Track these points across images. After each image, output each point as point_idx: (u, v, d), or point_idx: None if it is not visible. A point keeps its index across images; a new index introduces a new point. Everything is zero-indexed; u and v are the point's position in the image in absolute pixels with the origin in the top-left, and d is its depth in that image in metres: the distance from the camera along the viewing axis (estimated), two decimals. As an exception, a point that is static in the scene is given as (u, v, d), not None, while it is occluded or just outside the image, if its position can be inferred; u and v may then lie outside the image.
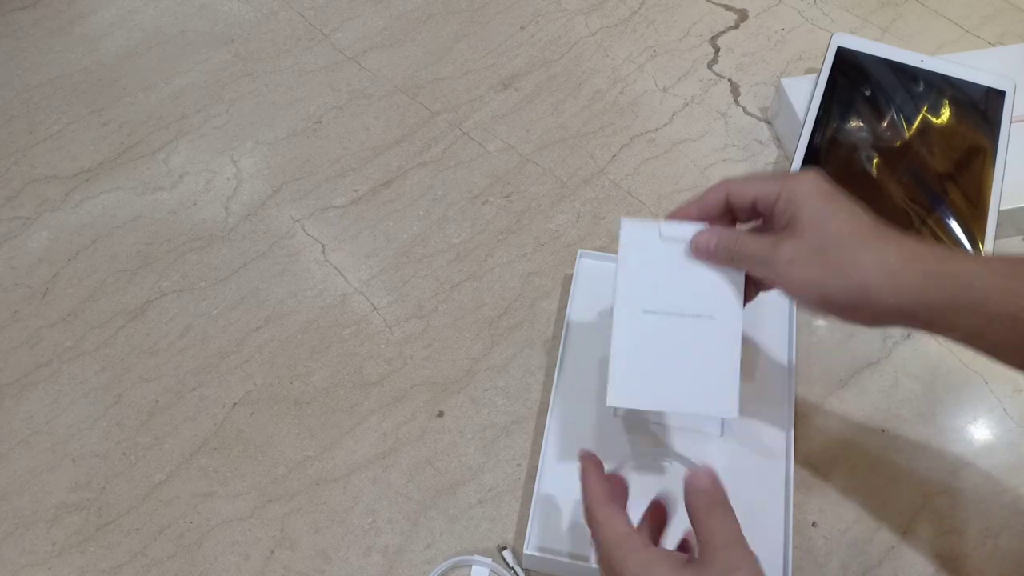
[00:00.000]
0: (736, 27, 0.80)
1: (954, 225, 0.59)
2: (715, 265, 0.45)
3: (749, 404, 0.53)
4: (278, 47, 0.79)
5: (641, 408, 0.50)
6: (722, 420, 0.54)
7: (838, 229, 0.40)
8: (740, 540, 0.37)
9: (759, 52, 0.78)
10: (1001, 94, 0.64)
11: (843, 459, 0.54)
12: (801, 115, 0.65)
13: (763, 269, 0.42)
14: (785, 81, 0.68)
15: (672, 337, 0.45)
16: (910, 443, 0.55)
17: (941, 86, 0.65)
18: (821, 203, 0.41)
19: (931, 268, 0.38)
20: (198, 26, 0.80)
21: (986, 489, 0.53)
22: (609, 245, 0.65)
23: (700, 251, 0.45)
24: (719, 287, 0.45)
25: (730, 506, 0.38)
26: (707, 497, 0.38)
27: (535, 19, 0.80)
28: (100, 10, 0.82)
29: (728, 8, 0.81)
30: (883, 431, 0.56)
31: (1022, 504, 0.53)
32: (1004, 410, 0.57)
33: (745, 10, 0.81)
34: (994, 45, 0.78)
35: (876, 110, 0.64)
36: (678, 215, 0.46)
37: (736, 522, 0.37)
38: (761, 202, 0.43)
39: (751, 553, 0.37)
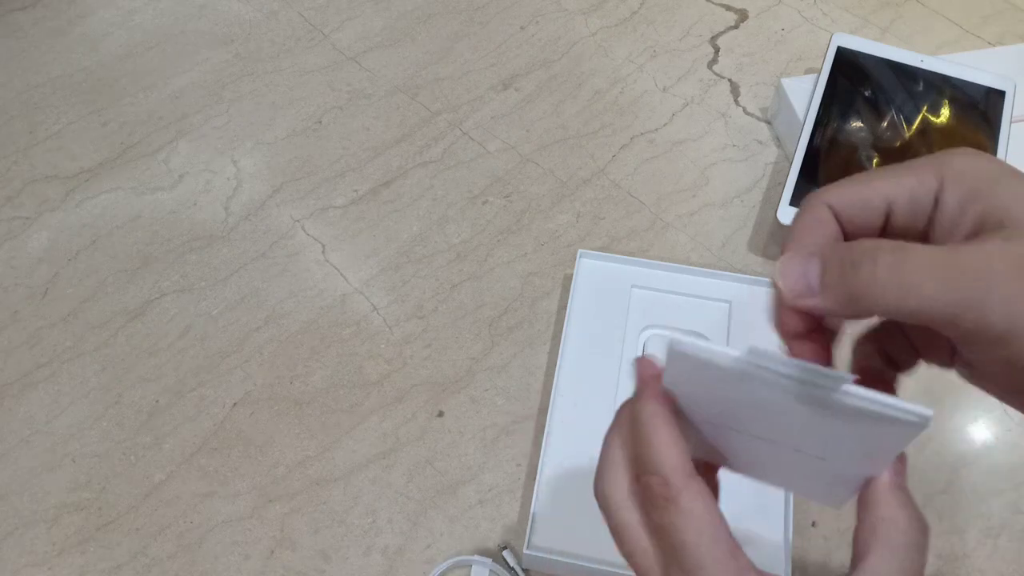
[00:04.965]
0: (736, 27, 0.80)
1: (954, 225, 0.59)
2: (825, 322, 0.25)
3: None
4: (278, 47, 0.79)
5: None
6: None
7: None
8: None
9: (759, 52, 0.78)
10: (1001, 94, 0.64)
11: (843, 459, 0.54)
12: (801, 115, 0.65)
13: (949, 313, 0.22)
14: (785, 81, 0.68)
15: None
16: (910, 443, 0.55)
17: (941, 86, 0.65)
18: None
19: None
20: (198, 26, 0.80)
21: (986, 489, 0.53)
22: (609, 245, 0.65)
23: (793, 291, 0.25)
24: (855, 450, 0.26)
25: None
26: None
27: (535, 19, 0.80)
28: (100, 10, 0.82)
29: (728, 8, 0.81)
30: (883, 431, 0.56)
31: (1022, 504, 0.53)
32: (1004, 410, 0.57)
33: (745, 10, 0.81)
34: (994, 45, 0.78)
35: (876, 110, 0.64)
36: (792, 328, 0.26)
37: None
38: (902, 205, 0.25)
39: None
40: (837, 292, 0.24)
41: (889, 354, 0.30)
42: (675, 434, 0.26)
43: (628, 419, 0.28)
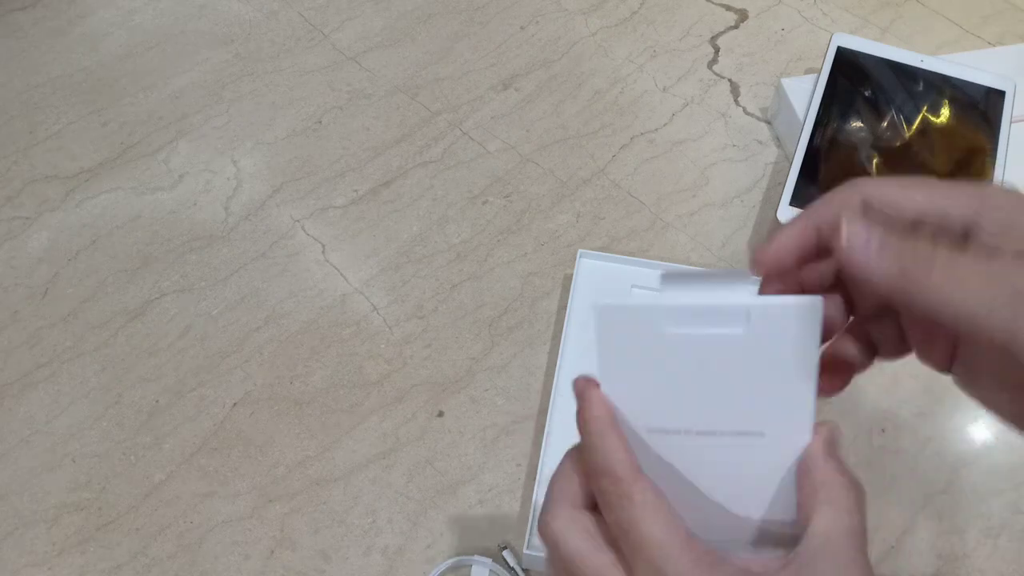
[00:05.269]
0: (736, 27, 0.80)
1: (954, 225, 0.59)
2: (867, 280, 0.26)
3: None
4: (278, 47, 0.79)
5: None
6: None
7: None
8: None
9: (759, 52, 0.78)
10: (1001, 94, 0.64)
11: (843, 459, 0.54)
12: (801, 115, 0.65)
13: (988, 312, 0.23)
14: (785, 81, 0.68)
15: (695, 468, 0.29)
16: (910, 443, 0.55)
17: (941, 86, 0.65)
18: None
19: None
20: (198, 26, 0.80)
21: (986, 489, 0.53)
22: (609, 245, 0.65)
23: (854, 250, 0.25)
24: (779, 376, 0.27)
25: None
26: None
27: (535, 19, 0.80)
28: (100, 10, 0.82)
29: (728, 8, 0.81)
30: (883, 431, 0.56)
31: (1022, 504, 0.53)
32: (1004, 410, 0.57)
33: (745, 10, 0.81)
34: (994, 45, 0.78)
35: (876, 110, 0.64)
36: (771, 254, 0.28)
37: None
38: (933, 222, 0.26)
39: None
40: (890, 266, 0.24)
41: (872, 339, 0.30)
42: (619, 434, 0.28)
43: (571, 456, 0.29)
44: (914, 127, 0.63)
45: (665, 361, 0.28)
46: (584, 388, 0.29)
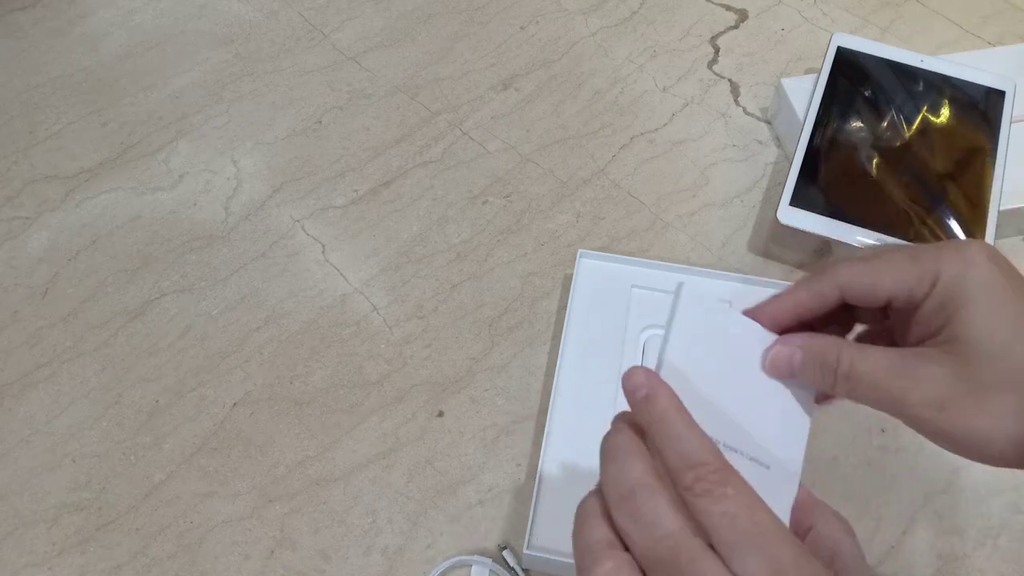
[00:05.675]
0: (736, 27, 0.80)
1: (954, 225, 0.59)
2: (791, 382, 0.32)
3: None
4: (278, 47, 0.79)
5: None
6: None
7: None
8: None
9: (759, 52, 0.78)
10: (1001, 94, 0.64)
11: (843, 459, 0.54)
12: (801, 115, 0.65)
13: (888, 406, 0.29)
14: (785, 81, 0.68)
15: None
16: (910, 443, 0.55)
17: (941, 86, 0.65)
18: (1001, 305, 0.27)
19: None
20: (198, 26, 0.80)
21: (986, 489, 0.53)
22: (609, 245, 0.65)
23: (777, 369, 0.31)
24: (783, 414, 0.31)
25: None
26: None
27: (535, 19, 0.80)
28: (100, 10, 0.82)
29: (728, 8, 0.81)
30: (883, 431, 0.55)
31: (1022, 504, 0.53)
32: (1004, 410, 0.56)
33: (745, 10, 0.81)
34: (994, 45, 0.78)
35: (876, 110, 0.64)
36: (760, 314, 0.32)
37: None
38: (901, 299, 0.30)
39: None
40: (808, 376, 0.31)
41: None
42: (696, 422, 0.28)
43: (624, 445, 0.29)
44: (914, 127, 0.63)
45: (720, 349, 0.31)
46: (652, 379, 0.29)
